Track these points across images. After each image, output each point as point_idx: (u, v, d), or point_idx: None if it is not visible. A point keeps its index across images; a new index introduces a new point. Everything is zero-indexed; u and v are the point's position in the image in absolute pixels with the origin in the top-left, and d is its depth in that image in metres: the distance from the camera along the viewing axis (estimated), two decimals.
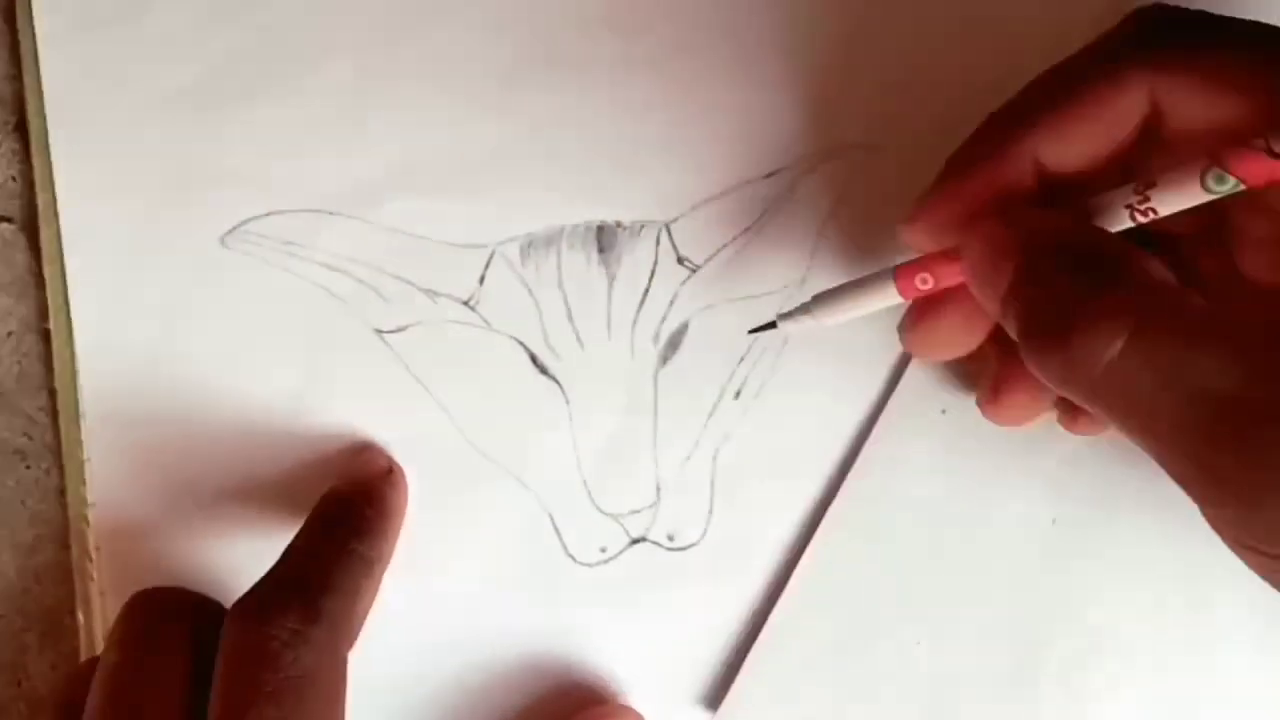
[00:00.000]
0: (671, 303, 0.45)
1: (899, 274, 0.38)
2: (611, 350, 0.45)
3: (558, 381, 0.45)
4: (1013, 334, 0.34)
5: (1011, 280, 0.34)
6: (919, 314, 0.40)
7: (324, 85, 0.45)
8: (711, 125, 0.45)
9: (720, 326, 0.45)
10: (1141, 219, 0.35)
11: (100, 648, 0.43)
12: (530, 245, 0.45)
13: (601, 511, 0.45)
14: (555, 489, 0.45)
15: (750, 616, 0.45)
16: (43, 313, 0.45)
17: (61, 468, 0.44)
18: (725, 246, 0.45)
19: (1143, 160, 0.36)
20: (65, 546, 0.45)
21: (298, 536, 0.40)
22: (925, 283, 0.38)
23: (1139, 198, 0.35)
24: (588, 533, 0.45)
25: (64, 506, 0.45)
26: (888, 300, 0.39)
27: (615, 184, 0.45)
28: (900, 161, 0.45)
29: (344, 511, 0.41)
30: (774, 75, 0.45)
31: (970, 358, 0.40)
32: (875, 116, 0.46)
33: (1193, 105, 0.35)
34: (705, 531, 0.45)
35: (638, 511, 0.45)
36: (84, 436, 0.44)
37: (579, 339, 0.45)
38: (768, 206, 0.45)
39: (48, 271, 0.44)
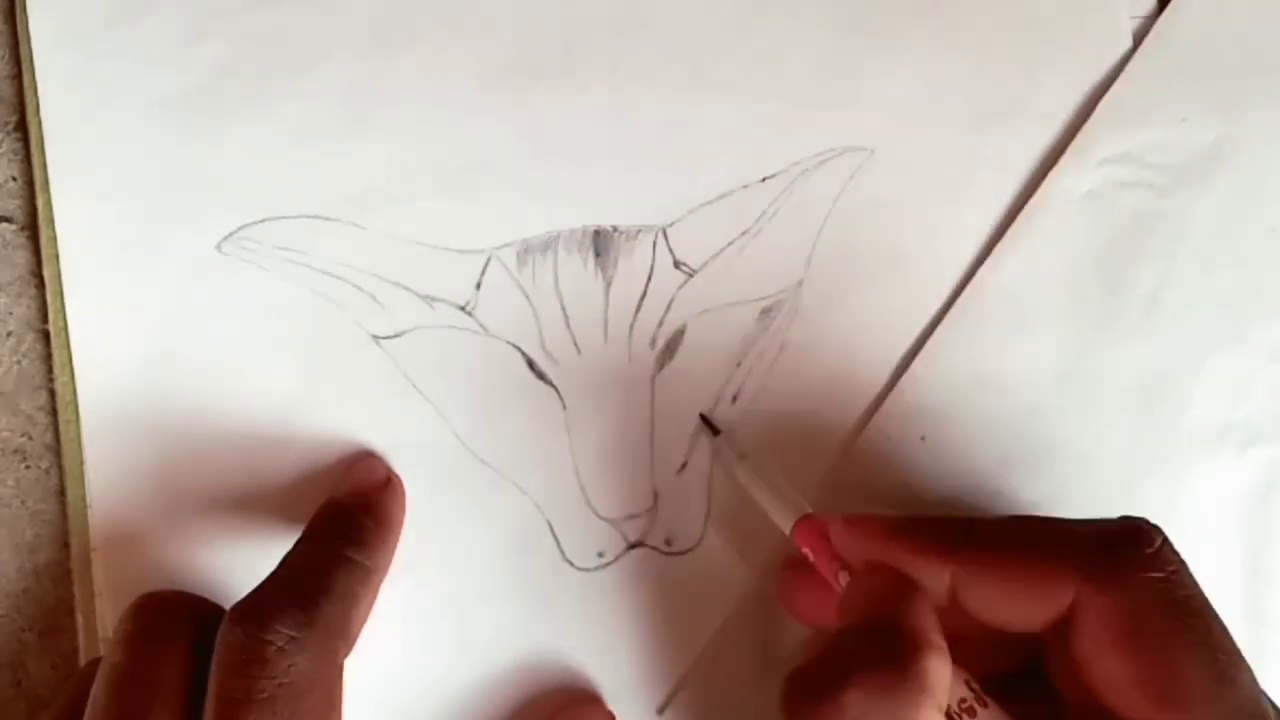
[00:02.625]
0: (668, 307, 0.45)
1: (799, 526, 0.40)
2: (608, 355, 0.45)
3: (555, 386, 0.45)
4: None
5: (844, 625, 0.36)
6: (792, 577, 0.42)
7: (321, 90, 0.45)
8: (708, 129, 0.45)
9: (717, 331, 0.45)
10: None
11: (100, 648, 0.43)
12: (527, 250, 0.45)
13: (599, 516, 0.45)
14: (552, 494, 0.45)
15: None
16: (43, 313, 0.45)
17: (61, 468, 0.44)
18: (722, 251, 0.45)
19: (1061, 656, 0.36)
20: (65, 546, 0.45)
21: (296, 544, 0.40)
22: (808, 554, 0.40)
23: (972, 704, 0.36)
24: (585, 537, 0.45)
25: (64, 506, 0.45)
26: (781, 524, 0.41)
27: (612, 188, 0.45)
28: (896, 165, 0.45)
29: (342, 520, 0.41)
30: (770, 79, 0.45)
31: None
32: (872, 120, 0.46)
33: (1093, 640, 0.35)
34: (702, 536, 0.45)
35: (635, 516, 0.45)
36: (83, 438, 0.44)
37: (576, 344, 0.45)
38: (764, 210, 0.45)
39: (48, 272, 0.44)
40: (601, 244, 0.45)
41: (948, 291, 0.45)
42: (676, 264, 0.45)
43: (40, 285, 0.45)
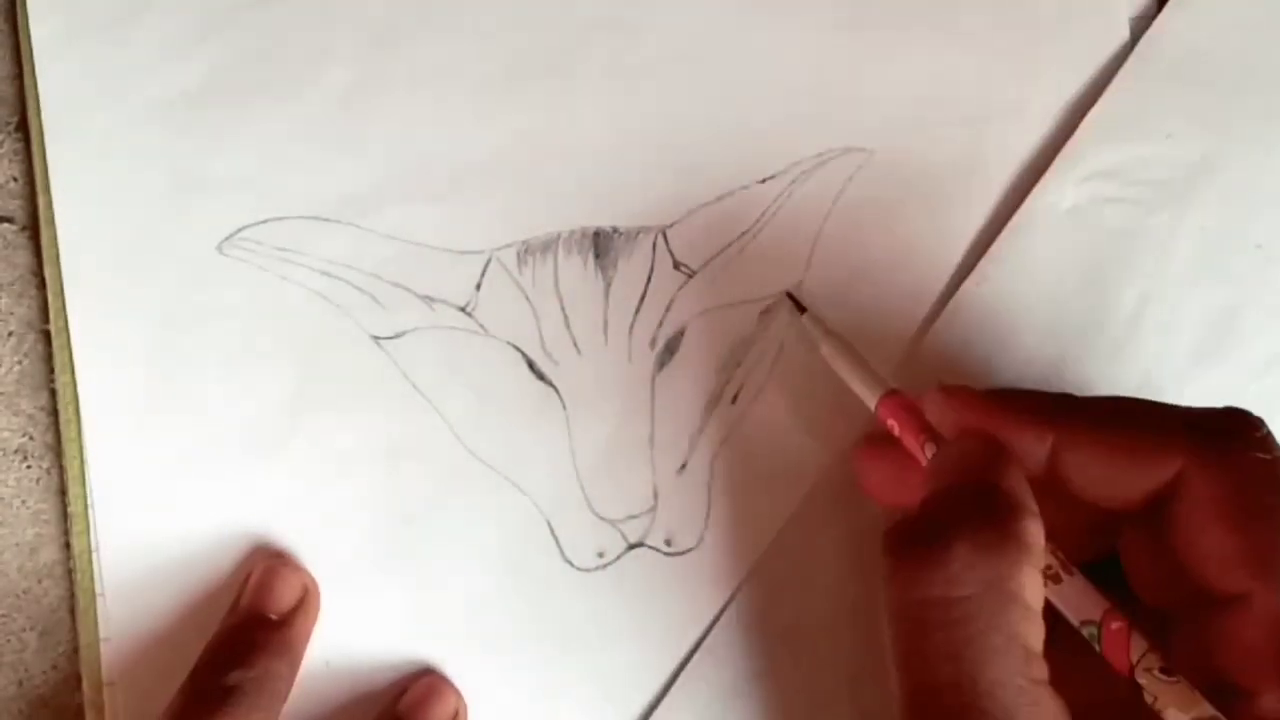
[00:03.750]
0: (668, 308, 0.45)
1: (884, 400, 0.40)
2: (608, 355, 0.45)
3: (555, 387, 0.45)
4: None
5: (946, 484, 0.36)
6: (871, 454, 0.42)
7: (320, 92, 0.45)
8: (707, 130, 0.45)
9: (717, 331, 0.45)
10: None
11: (100, 648, 0.44)
12: (527, 251, 0.45)
13: (599, 517, 0.45)
14: (553, 494, 0.45)
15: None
16: (44, 313, 0.45)
17: (62, 468, 0.44)
18: (722, 252, 0.45)
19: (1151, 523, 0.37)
20: (65, 546, 0.45)
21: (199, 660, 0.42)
22: (893, 428, 0.40)
23: (1057, 571, 0.36)
24: (585, 538, 0.45)
25: (64, 506, 0.45)
26: (866, 398, 0.41)
27: (611, 190, 0.45)
28: (896, 166, 0.45)
29: (238, 647, 0.42)
30: (770, 80, 0.45)
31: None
32: (871, 121, 0.46)
33: (1195, 515, 0.35)
34: (702, 536, 0.45)
35: (635, 517, 0.45)
36: (84, 438, 0.44)
37: (576, 345, 0.45)
38: (764, 211, 0.45)
39: (49, 272, 0.44)
40: (601, 245, 0.45)
41: (948, 293, 0.45)
42: (676, 265, 0.45)
43: (41, 285, 0.45)
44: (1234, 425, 0.36)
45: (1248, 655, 0.34)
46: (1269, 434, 0.36)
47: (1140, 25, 0.47)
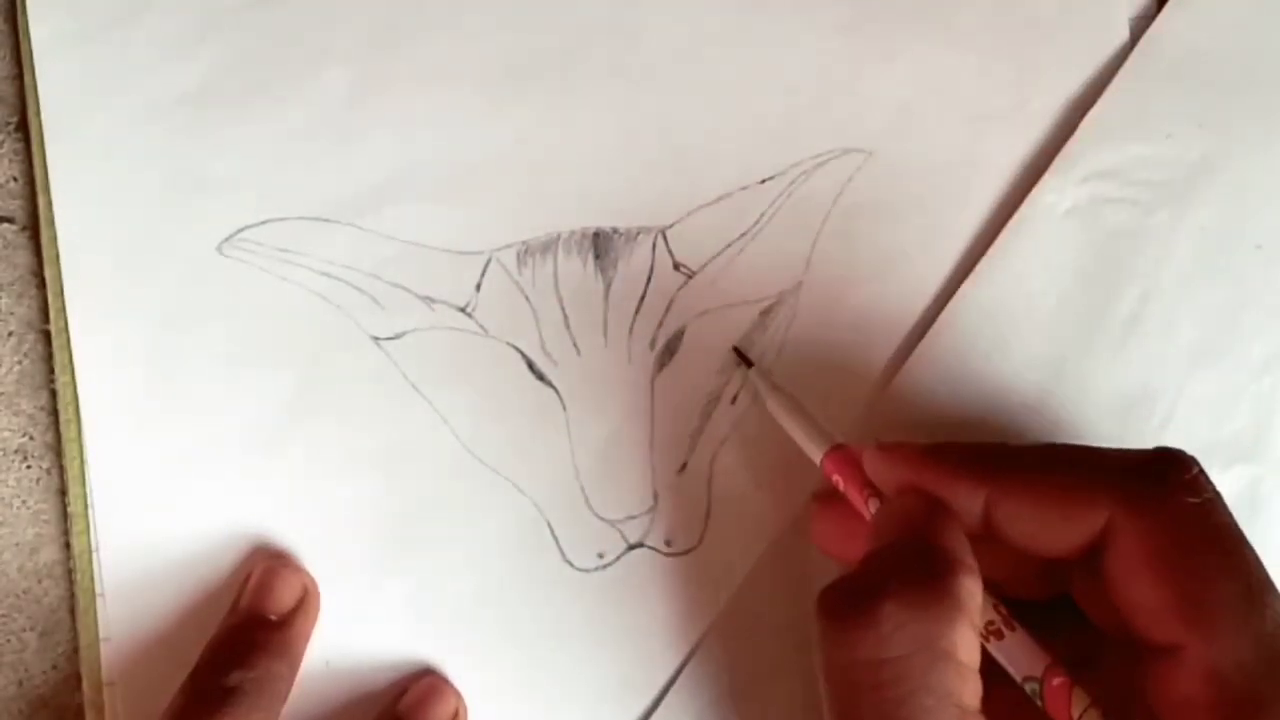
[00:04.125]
0: (668, 308, 0.45)
1: (829, 455, 0.41)
2: (608, 356, 0.45)
3: (555, 388, 0.45)
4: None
5: (882, 544, 0.36)
6: (821, 509, 0.43)
7: (320, 93, 0.45)
8: (707, 131, 0.45)
9: (717, 332, 0.45)
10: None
11: (100, 648, 0.44)
12: (527, 251, 0.45)
13: (599, 517, 0.45)
14: (552, 495, 0.45)
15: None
16: (44, 313, 0.45)
17: (62, 468, 0.44)
18: (721, 252, 0.45)
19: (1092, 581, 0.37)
20: (66, 546, 0.45)
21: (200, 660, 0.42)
22: (837, 483, 0.40)
23: (999, 626, 0.36)
24: (585, 539, 0.45)
25: (64, 506, 0.45)
26: (811, 453, 0.41)
27: (611, 190, 0.45)
28: (896, 166, 0.45)
29: (239, 647, 0.42)
30: (769, 81, 0.45)
31: None
32: (871, 122, 0.46)
33: (1125, 563, 0.35)
34: (702, 537, 0.45)
35: (635, 517, 0.45)
36: (84, 438, 0.44)
37: (576, 345, 0.45)
38: (763, 212, 0.45)
39: (49, 272, 0.44)
40: (601, 245, 0.45)
41: (947, 293, 0.45)
42: (676, 265, 0.45)
43: (41, 285, 0.45)
44: (1162, 469, 0.36)
45: (1183, 707, 0.33)
46: (1200, 474, 0.35)
47: (1140, 25, 0.47)
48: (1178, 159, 0.46)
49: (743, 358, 0.44)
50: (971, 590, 0.34)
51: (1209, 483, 0.35)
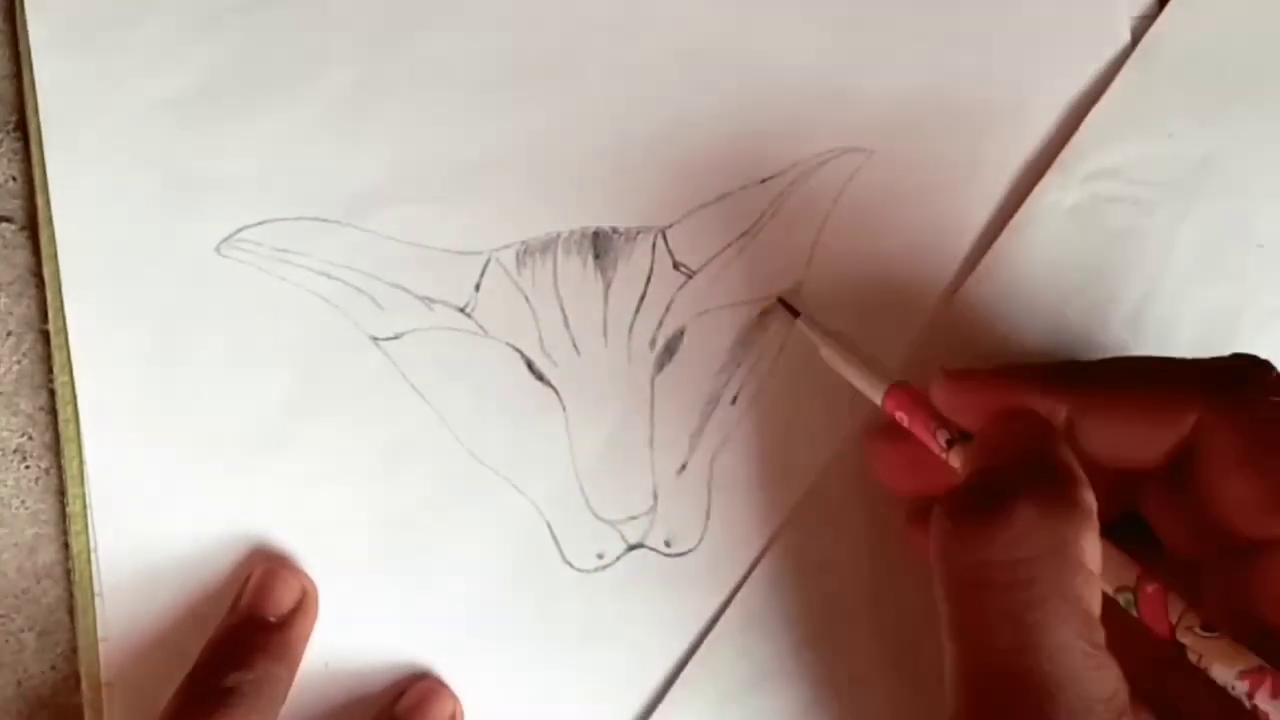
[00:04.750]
0: (668, 308, 0.45)
1: (891, 391, 0.40)
2: (608, 356, 0.45)
3: (554, 388, 0.45)
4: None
5: (995, 450, 0.36)
6: (880, 446, 0.42)
7: (319, 93, 0.45)
8: (707, 130, 0.45)
9: (717, 332, 0.45)
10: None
11: (99, 648, 0.44)
12: (526, 252, 0.45)
13: (599, 518, 0.45)
14: (552, 495, 0.45)
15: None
16: (43, 313, 0.45)
17: (61, 467, 0.44)
18: (721, 252, 0.45)
19: (1172, 479, 0.37)
20: (65, 546, 0.45)
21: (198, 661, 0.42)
22: (902, 419, 0.40)
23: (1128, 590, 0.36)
24: (585, 539, 0.45)
25: (64, 506, 0.45)
26: (871, 393, 0.41)
27: (611, 190, 0.45)
28: (896, 166, 0.45)
29: (238, 648, 0.42)
30: (770, 80, 0.45)
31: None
32: (871, 121, 0.45)
33: (1219, 463, 0.35)
34: (702, 537, 0.45)
35: (635, 517, 0.45)
36: (82, 440, 0.44)
37: (575, 345, 0.45)
38: (764, 212, 0.45)
39: (48, 272, 0.44)
40: (601, 245, 0.45)
41: (948, 292, 0.45)
42: (676, 265, 0.45)
43: (40, 285, 0.45)
44: (1246, 372, 0.36)
45: None
46: (1275, 372, 0.36)
47: (1141, 25, 0.46)
48: (1179, 158, 0.46)
49: (789, 308, 0.44)
50: (1092, 501, 0.34)
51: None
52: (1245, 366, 0.36)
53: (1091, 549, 0.33)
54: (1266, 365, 0.36)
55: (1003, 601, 0.32)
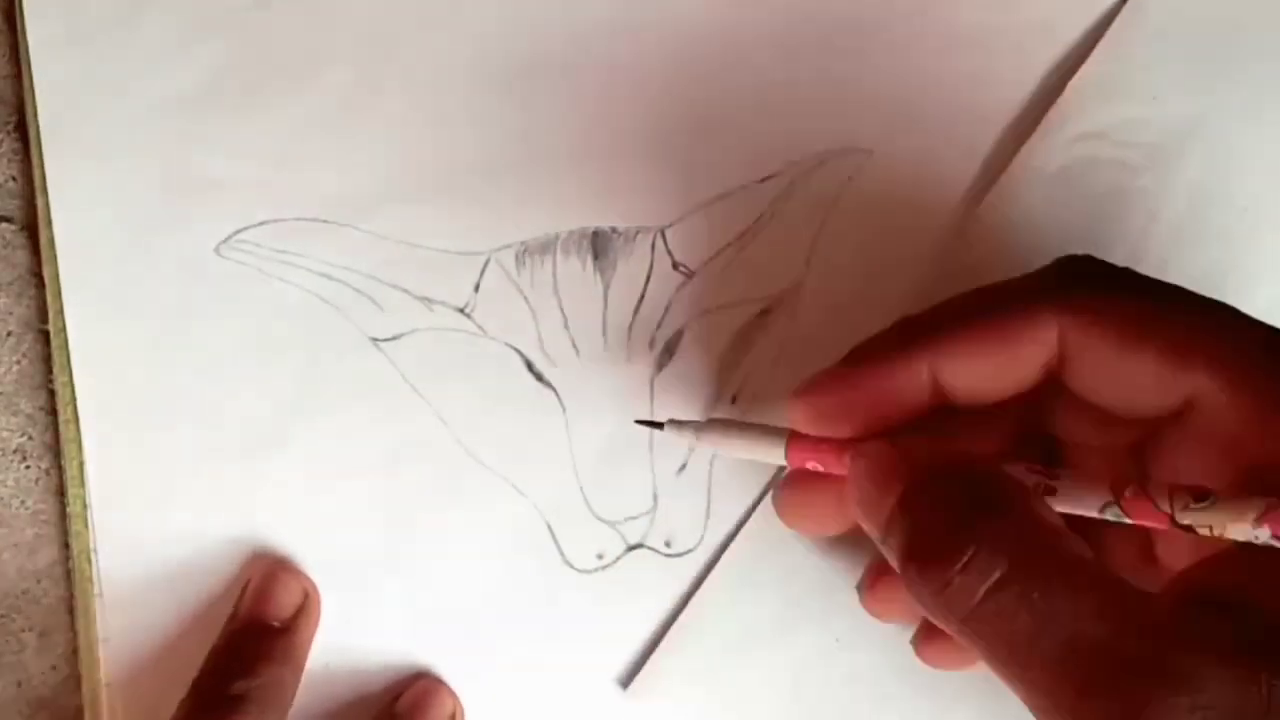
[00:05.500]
0: (667, 308, 0.45)
1: (791, 444, 0.38)
2: (607, 357, 0.45)
3: (554, 388, 0.45)
4: (892, 561, 0.34)
5: (893, 508, 0.34)
6: (796, 482, 0.41)
7: (318, 94, 0.45)
8: (706, 130, 0.45)
9: (716, 332, 0.45)
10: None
11: (99, 649, 0.44)
12: (525, 252, 0.45)
13: (599, 518, 0.45)
14: (552, 496, 0.45)
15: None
16: (43, 313, 0.45)
17: (61, 467, 0.44)
18: (721, 252, 0.45)
19: (1044, 407, 0.37)
20: (65, 546, 0.45)
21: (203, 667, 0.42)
22: (815, 466, 0.38)
23: (1045, 483, 0.35)
24: (585, 540, 0.45)
25: (64, 506, 0.45)
26: (773, 458, 0.39)
27: (610, 190, 0.45)
28: (896, 165, 0.45)
29: (242, 652, 0.42)
30: (768, 80, 0.45)
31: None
32: (871, 121, 0.45)
33: (1098, 361, 0.35)
34: (702, 537, 0.45)
35: (635, 518, 0.45)
36: (82, 440, 0.44)
37: (575, 346, 0.45)
38: (763, 211, 0.45)
39: (48, 272, 0.44)
40: (600, 245, 0.45)
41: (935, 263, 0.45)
42: (675, 265, 0.45)
43: (40, 285, 0.45)
44: (1078, 268, 0.36)
45: (1232, 444, 0.33)
46: (1107, 264, 0.36)
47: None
48: (1164, 121, 0.46)
49: (650, 424, 0.42)
50: (1007, 484, 0.33)
51: (1117, 265, 0.36)
52: (1082, 266, 0.37)
53: (1043, 506, 0.33)
54: (1091, 259, 0.37)
55: (1020, 624, 0.31)
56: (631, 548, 0.45)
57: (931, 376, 0.36)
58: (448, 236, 0.44)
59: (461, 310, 0.44)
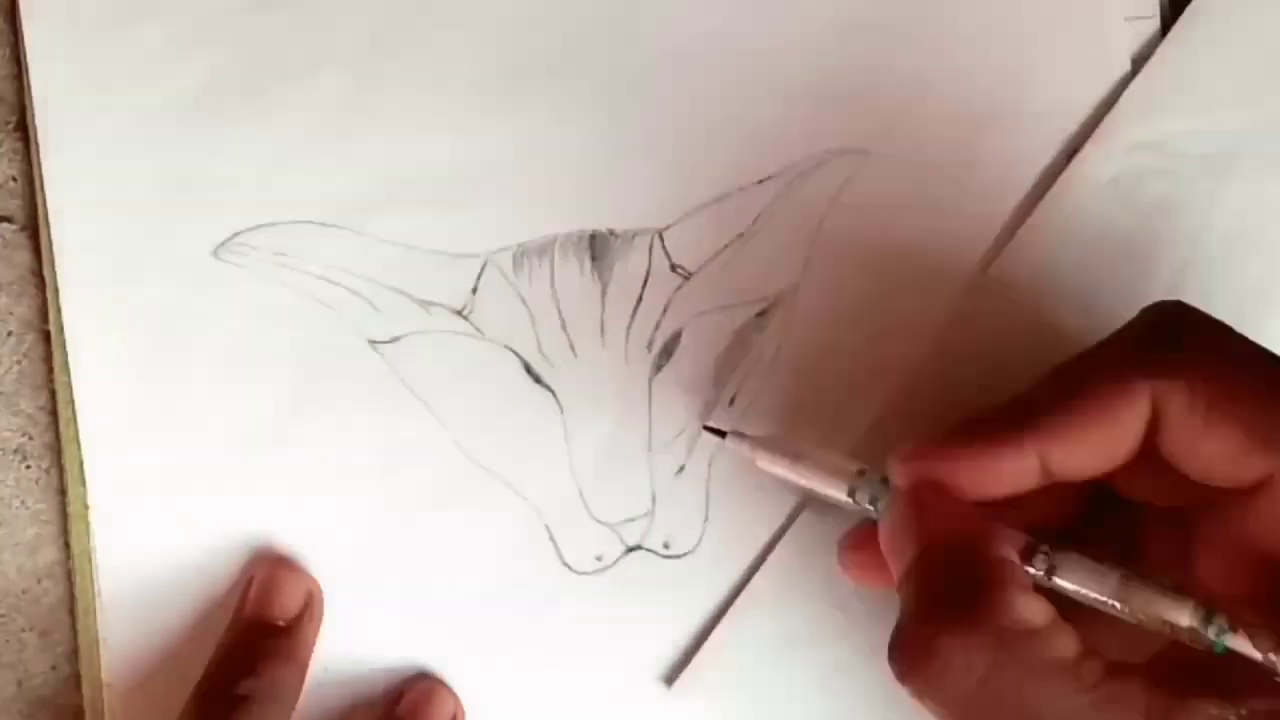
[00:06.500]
0: (665, 310, 0.45)
1: (900, 459, 0.38)
2: (605, 358, 0.45)
3: (552, 390, 0.45)
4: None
5: (907, 568, 0.35)
6: (859, 540, 0.41)
7: (316, 97, 0.45)
8: (704, 131, 0.45)
9: (714, 333, 0.45)
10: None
11: (100, 649, 0.44)
12: (523, 254, 0.45)
13: (597, 520, 0.45)
14: (550, 498, 0.45)
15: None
16: (43, 313, 0.45)
17: (61, 467, 0.45)
18: (719, 253, 0.45)
19: (1143, 464, 0.37)
20: (65, 546, 0.45)
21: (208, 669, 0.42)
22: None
23: (1115, 599, 0.35)
24: (583, 541, 0.45)
25: (64, 506, 0.45)
26: (834, 490, 0.40)
27: (608, 192, 0.45)
28: (894, 167, 0.45)
29: (246, 655, 0.42)
30: (766, 81, 0.45)
31: None
32: (868, 122, 0.45)
33: (1185, 433, 0.35)
34: (701, 539, 0.45)
35: (633, 519, 0.45)
36: (82, 439, 0.44)
37: (573, 347, 0.45)
38: (761, 213, 0.45)
39: (48, 272, 0.44)
40: (598, 247, 0.45)
41: (945, 294, 0.45)
42: (673, 267, 0.45)
43: (40, 285, 0.45)
44: (1167, 325, 0.37)
45: None
46: (1196, 312, 0.36)
47: (1140, 24, 0.46)
48: (1218, 133, 0.46)
49: (714, 431, 0.43)
50: (1005, 559, 0.35)
51: (1211, 318, 0.36)
52: (1164, 320, 0.37)
53: (1028, 610, 0.33)
54: (1181, 310, 0.37)
55: (994, 716, 0.33)
56: (630, 549, 0.45)
57: (1040, 459, 0.36)
58: (445, 239, 0.44)
59: (459, 313, 0.44)
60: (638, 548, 0.45)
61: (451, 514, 0.44)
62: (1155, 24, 0.46)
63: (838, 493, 0.39)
